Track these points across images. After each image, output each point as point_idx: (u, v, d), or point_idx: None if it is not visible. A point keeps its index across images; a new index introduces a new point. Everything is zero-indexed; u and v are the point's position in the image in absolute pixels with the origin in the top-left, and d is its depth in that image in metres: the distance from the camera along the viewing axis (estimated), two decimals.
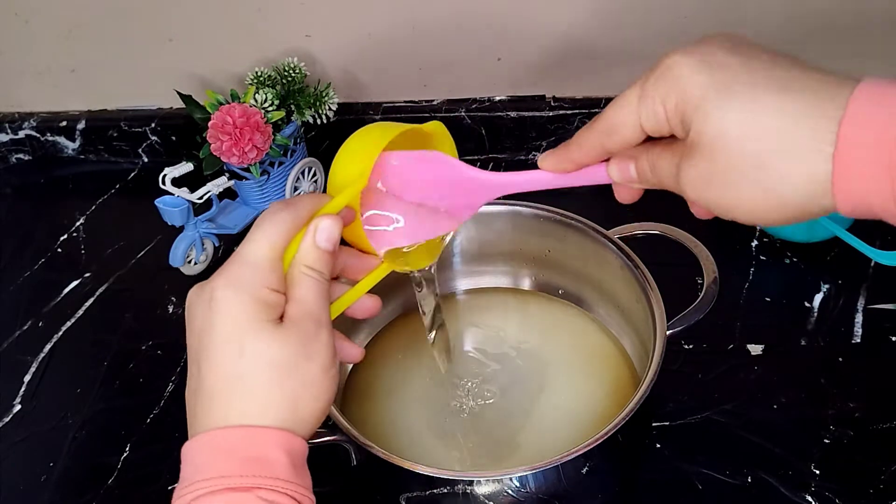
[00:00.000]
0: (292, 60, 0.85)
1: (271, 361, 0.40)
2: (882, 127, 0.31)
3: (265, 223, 0.43)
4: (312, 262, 0.43)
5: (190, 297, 0.43)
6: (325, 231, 0.43)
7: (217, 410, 0.41)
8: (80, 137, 1.01)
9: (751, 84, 0.34)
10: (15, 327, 0.81)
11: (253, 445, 0.40)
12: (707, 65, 0.35)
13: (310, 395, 0.42)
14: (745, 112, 0.34)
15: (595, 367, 0.67)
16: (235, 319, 0.40)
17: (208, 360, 0.41)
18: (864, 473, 0.60)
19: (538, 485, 0.53)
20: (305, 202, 0.44)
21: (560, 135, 0.92)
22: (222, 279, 0.41)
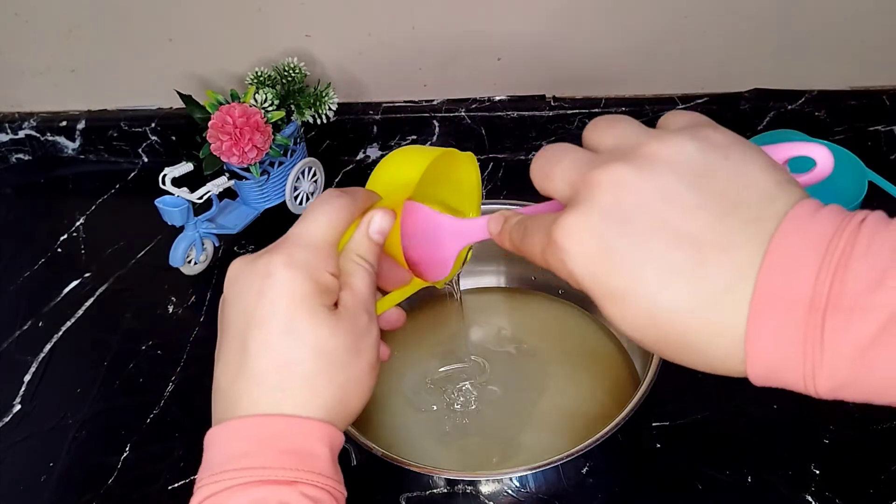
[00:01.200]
0: (292, 60, 0.85)
1: (326, 351, 0.39)
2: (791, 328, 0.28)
3: (325, 206, 0.41)
4: (364, 253, 0.42)
5: (238, 268, 0.41)
6: (378, 223, 0.43)
7: (264, 396, 0.38)
8: (80, 137, 1.01)
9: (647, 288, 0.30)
10: (15, 327, 0.81)
11: (297, 437, 0.38)
12: (596, 262, 0.32)
13: (355, 391, 0.40)
14: (647, 320, 0.31)
15: (595, 367, 0.67)
16: (294, 300, 0.38)
17: (260, 341, 0.39)
18: (864, 473, 0.60)
19: (538, 485, 0.53)
20: (361, 193, 0.43)
21: (560, 135, 0.92)
22: (282, 256, 0.39)
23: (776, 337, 0.29)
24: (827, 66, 0.85)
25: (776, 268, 0.28)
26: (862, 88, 0.86)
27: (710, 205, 0.30)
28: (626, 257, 0.31)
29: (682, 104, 0.88)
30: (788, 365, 0.29)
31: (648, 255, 0.30)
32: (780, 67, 0.86)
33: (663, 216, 0.30)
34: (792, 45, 0.84)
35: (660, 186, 0.31)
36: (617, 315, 0.32)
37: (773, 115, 0.87)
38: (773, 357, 0.29)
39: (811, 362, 0.28)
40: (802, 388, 0.30)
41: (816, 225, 0.29)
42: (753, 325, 0.29)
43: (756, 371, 0.30)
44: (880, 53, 0.83)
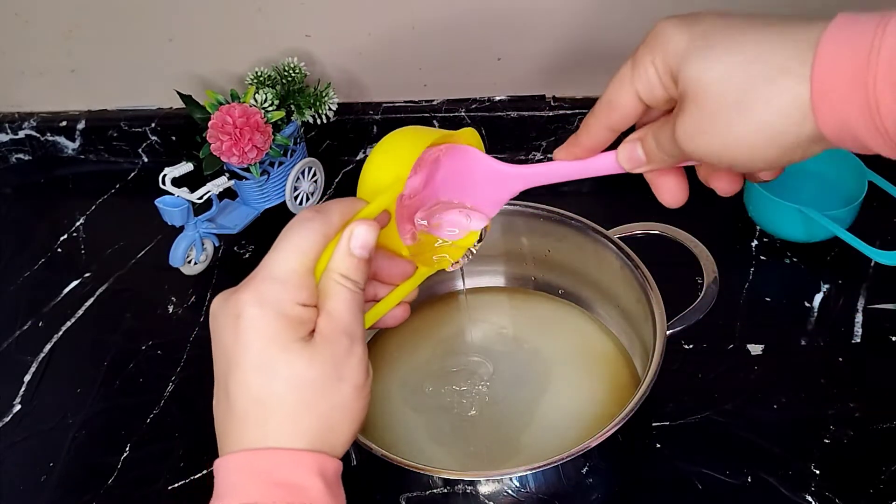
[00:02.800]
0: (292, 60, 0.85)
1: (301, 383, 0.39)
2: (858, 47, 0.32)
3: (294, 233, 0.41)
4: (346, 271, 0.41)
5: (214, 308, 0.41)
6: (361, 237, 0.41)
7: (249, 432, 0.39)
8: (80, 137, 1.01)
9: (729, 30, 0.35)
10: (15, 327, 0.81)
11: (285, 470, 0.38)
12: (689, 23, 0.37)
13: (343, 418, 0.40)
14: (725, 53, 0.35)
15: (595, 367, 0.67)
16: (263, 339, 0.39)
17: (236, 382, 0.39)
18: (864, 473, 0.60)
19: (538, 485, 0.53)
20: (337, 208, 0.42)
21: (560, 135, 0.92)
22: (249, 294, 0.39)
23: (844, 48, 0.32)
24: None
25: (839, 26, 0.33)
26: None
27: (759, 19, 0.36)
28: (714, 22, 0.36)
29: None
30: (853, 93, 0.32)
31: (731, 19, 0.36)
32: None
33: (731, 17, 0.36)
34: None
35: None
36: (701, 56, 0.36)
37: None
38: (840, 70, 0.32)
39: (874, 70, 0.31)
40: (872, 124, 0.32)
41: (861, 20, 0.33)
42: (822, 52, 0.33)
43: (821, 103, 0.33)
44: None
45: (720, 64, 0.35)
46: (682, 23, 0.37)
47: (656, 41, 0.38)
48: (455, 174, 0.49)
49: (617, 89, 0.40)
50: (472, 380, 0.67)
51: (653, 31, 0.38)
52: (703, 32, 0.36)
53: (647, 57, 0.38)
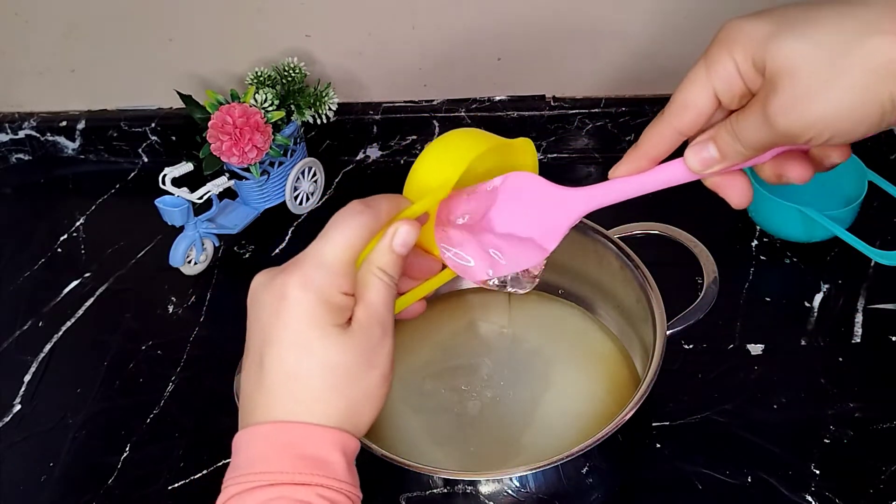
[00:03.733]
0: (292, 60, 0.85)
1: (335, 367, 0.41)
2: None
3: (345, 224, 0.42)
4: (385, 266, 0.43)
5: (256, 286, 0.43)
6: (403, 236, 0.43)
7: (278, 406, 0.41)
8: (80, 137, 1.01)
9: (808, 11, 0.35)
10: (15, 327, 0.81)
11: (312, 443, 0.40)
12: (762, 16, 0.37)
13: (368, 403, 0.42)
14: (811, 27, 0.35)
15: (595, 367, 0.67)
16: (305, 321, 0.40)
17: (272, 357, 0.41)
18: (864, 473, 0.60)
19: (538, 485, 0.53)
20: (385, 205, 0.44)
21: (560, 135, 0.92)
22: (297, 277, 0.41)
23: None
24: None
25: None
26: None
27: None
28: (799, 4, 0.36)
29: None
30: None
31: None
32: None
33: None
34: None
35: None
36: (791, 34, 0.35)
37: None
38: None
39: None
40: None
41: None
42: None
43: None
44: None
45: (808, 39, 0.35)
46: (755, 16, 0.37)
47: (732, 36, 0.37)
48: (510, 202, 0.46)
49: (691, 89, 0.40)
50: (472, 380, 0.67)
51: (725, 29, 0.38)
52: (781, 18, 0.36)
53: (725, 53, 0.38)
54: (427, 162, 0.46)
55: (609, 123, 0.90)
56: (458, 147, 0.45)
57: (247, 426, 0.42)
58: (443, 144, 0.46)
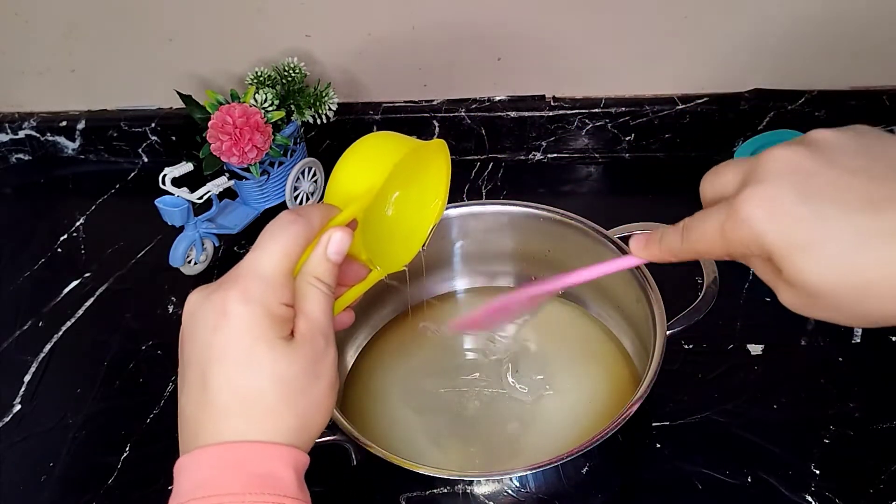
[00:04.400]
0: (292, 60, 0.85)
1: (285, 380, 0.40)
2: None
3: (280, 234, 0.42)
4: (322, 275, 0.43)
5: (194, 303, 0.42)
6: (337, 244, 0.43)
7: (228, 426, 0.39)
8: (80, 137, 1.01)
9: (832, 232, 0.34)
10: (15, 327, 0.81)
11: (263, 461, 0.39)
12: (782, 218, 0.35)
13: (317, 415, 0.42)
14: (832, 263, 0.34)
15: (595, 367, 0.67)
16: (251, 335, 0.39)
17: (219, 375, 0.40)
18: (864, 473, 0.60)
19: (538, 485, 0.53)
20: (317, 213, 0.43)
21: (560, 135, 0.92)
22: (236, 292, 0.40)
23: None
24: (827, 66, 0.85)
25: None
26: (862, 88, 0.86)
27: (872, 167, 0.35)
28: (809, 210, 0.34)
29: (682, 104, 0.88)
30: None
31: (828, 206, 0.34)
32: (780, 67, 0.86)
33: (835, 177, 0.35)
34: (792, 45, 0.84)
35: (825, 156, 0.35)
36: (801, 264, 0.35)
37: (773, 115, 0.87)
38: None
39: None
40: None
41: None
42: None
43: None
44: (880, 53, 0.83)
45: (831, 278, 0.34)
46: (773, 219, 0.35)
47: (747, 231, 0.36)
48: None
49: (707, 246, 0.39)
50: (471, 380, 0.67)
51: (740, 216, 0.36)
52: (802, 241, 0.35)
53: (740, 240, 0.37)
54: (347, 168, 0.47)
55: (609, 123, 0.90)
56: (379, 152, 0.46)
57: (190, 450, 0.40)
58: (362, 150, 0.47)
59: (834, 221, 0.34)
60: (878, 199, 0.33)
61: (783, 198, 0.35)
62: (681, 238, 0.41)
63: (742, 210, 0.36)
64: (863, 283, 0.34)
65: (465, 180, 0.93)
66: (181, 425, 0.42)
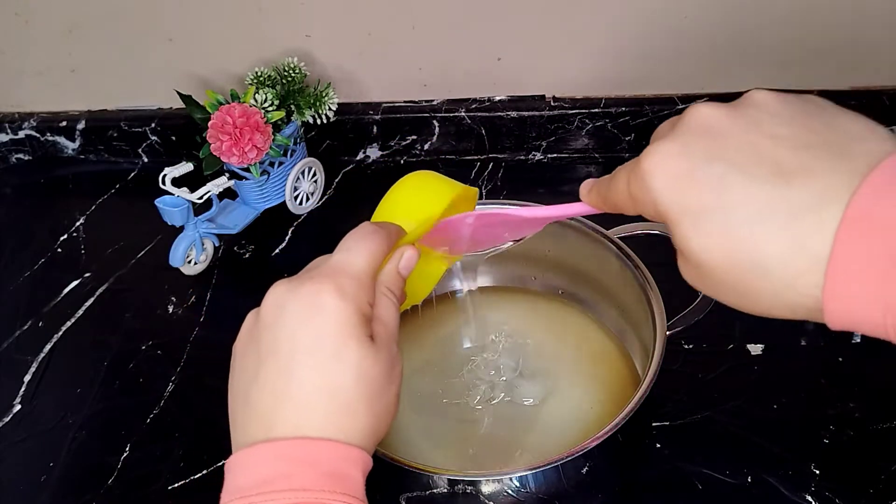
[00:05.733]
0: (292, 60, 0.85)
1: (367, 379, 0.40)
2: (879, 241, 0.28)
3: (367, 240, 0.43)
4: (392, 286, 0.44)
5: (281, 294, 0.41)
6: (408, 260, 0.45)
7: (307, 419, 0.39)
8: (80, 137, 1.01)
9: (728, 203, 0.31)
10: (15, 327, 0.81)
11: (339, 461, 0.39)
12: (680, 181, 0.32)
13: (385, 419, 0.42)
14: (724, 238, 0.31)
15: (595, 367, 0.67)
16: (342, 331, 0.39)
17: (306, 368, 0.39)
18: (864, 473, 0.60)
19: (538, 485, 0.53)
20: (394, 230, 0.46)
21: (560, 135, 0.92)
22: (332, 286, 0.40)
23: (864, 258, 0.28)
24: (827, 66, 0.85)
25: (867, 198, 0.28)
26: (862, 88, 0.86)
27: (799, 136, 0.31)
28: (710, 175, 0.31)
29: (682, 104, 0.88)
30: (871, 291, 0.28)
31: (732, 173, 0.31)
32: (780, 67, 0.86)
33: (749, 141, 0.31)
34: (792, 45, 0.84)
35: (748, 119, 0.32)
36: (692, 233, 0.32)
37: None
38: (857, 281, 0.28)
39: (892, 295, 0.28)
40: (881, 322, 0.28)
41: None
42: (839, 249, 0.28)
43: (834, 295, 0.29)
44: (880, 53, 0.83)
45: (719, 254, 0.32)
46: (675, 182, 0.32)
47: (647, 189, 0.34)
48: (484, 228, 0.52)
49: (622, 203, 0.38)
50: (471, 380, 0.67)
51: (643, 169, 0.34)
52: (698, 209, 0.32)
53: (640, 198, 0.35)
54: (402, 198, 0.49)
55: (609, 123, 0.90)
56: (432, 188, 0.50)
57: (260, 441, 0.39)
58: (414, 184, 0.50)
59: (733, 190, 0.31)
60: (792, 170, 0.30)
61: (686, 157, 0.32)
62: (606, 185, 0.39)
63: (642, 164, 0.34)
64: (751, 263, 0.31)
65: (465, 180, 0.93)
66: (246, 418, 0.40)
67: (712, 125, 0.33)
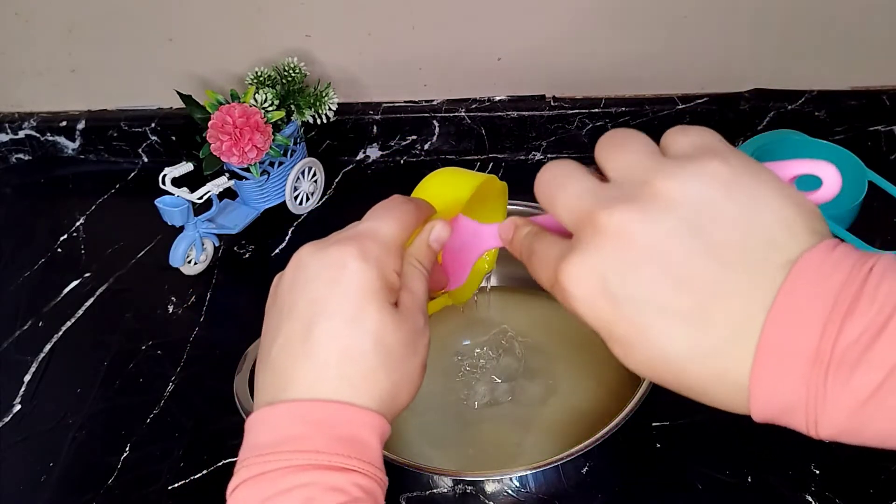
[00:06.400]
0: (292, 60, 0.85)
1: (387, 345, 0.39)
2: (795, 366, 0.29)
3: (395, 209, 0.43)
4: (423, 258, 0.44)
5: (307, 254, 0.41)
6: (438, 232, 0.44)
7: (323, 382, 0.39)
8: (80, 137, 1.01)
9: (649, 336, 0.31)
10: (15, 327, 0.81)
11: (353, 425, 0.38)
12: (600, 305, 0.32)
13: (407, 387, 0.41)
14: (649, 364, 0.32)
15: (595, 367, 0.67)
16: (363, 294, 0.39)
17: (326, 329, 0.39)
18: (864, 473, 0.60)
19: (538, 485, 0.53)
20: (424, 203, 0.45)
21: (560, 135, 0.92)
22: (354, 248, 0.40)
23: (779, 387, 0.30)
24: (827, 66, 0.85)
25: (782, 320, 0.29)
26: (862, 88, 0.86)
27: (715, 252, 0.30)
28: (630, 304, 0.31)
29: (682, 104, 0.88)
30: (792, 412, 0.30)
31: (651, 303, 0.31)
32: (780, 67, 0.86)
33: (666, 263, 0.31)
34: (792, 45, 0.84)
35: (663, 234, 0.31)
36: (621, 356, 0.33)
37: (773, 115, 0.87)
38: (777, 404, 0.30)
39: (814, 411, 0.30)
40: (805, 431, 0.31)
41: (824, 277, 0.29)
42: (757, 375, 0.30)
43: (760, 415, 0.31)
44: (880, 53, 0.83)
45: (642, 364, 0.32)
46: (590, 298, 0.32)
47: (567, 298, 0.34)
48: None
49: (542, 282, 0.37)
50: (470, 380, 0.67)
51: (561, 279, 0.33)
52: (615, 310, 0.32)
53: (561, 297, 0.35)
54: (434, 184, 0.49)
55: (609, 123, 0.90)
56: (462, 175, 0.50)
57: (279, 400, 0.39)
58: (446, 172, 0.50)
59: (654, 324, 0.31)
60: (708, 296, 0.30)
61: (604, 283, 0.32)
62: (528, 256, 0.39)
63: (563, 283, 0.33)
64: (680, 386, 0.32)
65: None
66: (266, 377, 0.41)
67: (626, 241, 0.31)
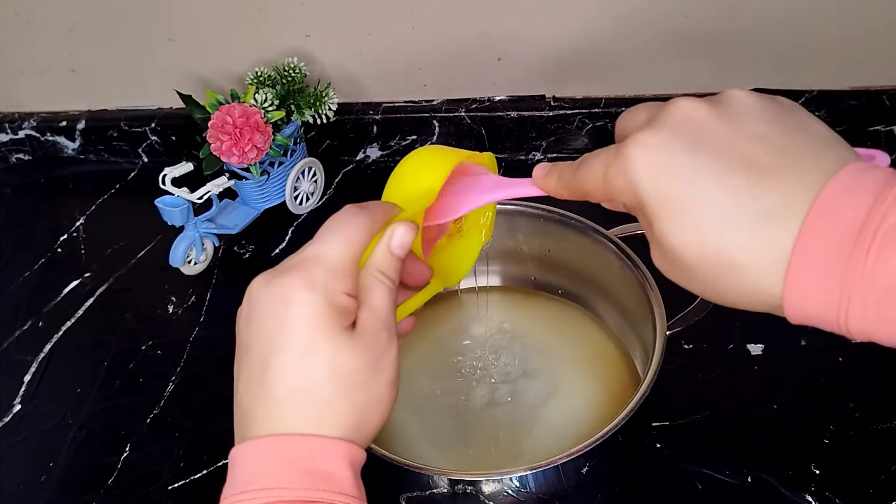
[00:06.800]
0: (292, 60, 0.85)
1: (346, 372, 0.39)
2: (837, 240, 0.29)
3: (343, 225, 0.41)
4: (385, 268, 0.42)
5: (256, 290, 0.40)
6: (400, 237, 0.42)
7: (284, 418, 0.39)
8: (80, 137, 1.01)
9: (704, 200, 0.32)
10: (15, 327, 0.81)
11: (318, 457, 0.38)
12: (660, 173, 0.34)
13: (376, 410, 0.40)
14: (697, 234, 0.33)
15: (595, 366, 0.67)
16: (312, 325, 0.38)
17: (278, 366, 0.39)
18: (864, 473, 0.60)
19: (538, 485, 0.53)
20: (379, 208, 0.43)
21: (560, 135, 0.92)
22: (298, 278, 0.39)
23: (821, 257, 0.30)
24: (827, 66, 0.85)
25: (834, 195, 0.30)
26: (862, 88, 0.86)
27: (775, 137, 0.33)
28: (690, 169, 0.33)
29: None
30: (829, 286, 0.30)
31: (711, 170, 0.32)
32: (781, 67, 0.86)
33: (730, 139, 0.33)
34: (792, 45, 0.84)
35: (730, 116, 0.34)
36: (667, 226, 0.34)
37: None
38: (815, 276, 0.30)
39: (849, 286, 0.29)
40: (834, 320, 0.31)
41: (876, 172, 0.30)
42: (803, 241, 0.30)
43: (793, 292, 0.31)
44: (880, 53, 0.83)
45: (692, 248, 0.33)
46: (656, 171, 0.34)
47: (627, 176, 0.35)
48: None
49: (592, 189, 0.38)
50: (470, 380, 0.67)
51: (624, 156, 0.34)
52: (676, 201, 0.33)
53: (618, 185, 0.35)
54: (408, 172, 0.47)
55: (609, 123, 0.90)
56: (436, 159, 0.47)
57: (246, 439, 0.39)
58: (420, 157, 0.48)
59: (711, 189, 0.32)
60: (765, 170, 0.32)
61: (669, 149, 0.33)
62: (573, 172, 0.39)
63: (625, 153, 0.34)
64: (721, 260, 0.32)
65: None
66: (236, 416, 0.41)
67: (694, 120, 0.34)
